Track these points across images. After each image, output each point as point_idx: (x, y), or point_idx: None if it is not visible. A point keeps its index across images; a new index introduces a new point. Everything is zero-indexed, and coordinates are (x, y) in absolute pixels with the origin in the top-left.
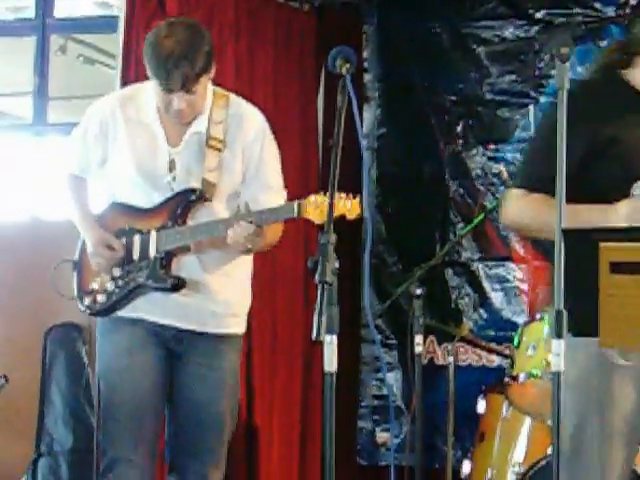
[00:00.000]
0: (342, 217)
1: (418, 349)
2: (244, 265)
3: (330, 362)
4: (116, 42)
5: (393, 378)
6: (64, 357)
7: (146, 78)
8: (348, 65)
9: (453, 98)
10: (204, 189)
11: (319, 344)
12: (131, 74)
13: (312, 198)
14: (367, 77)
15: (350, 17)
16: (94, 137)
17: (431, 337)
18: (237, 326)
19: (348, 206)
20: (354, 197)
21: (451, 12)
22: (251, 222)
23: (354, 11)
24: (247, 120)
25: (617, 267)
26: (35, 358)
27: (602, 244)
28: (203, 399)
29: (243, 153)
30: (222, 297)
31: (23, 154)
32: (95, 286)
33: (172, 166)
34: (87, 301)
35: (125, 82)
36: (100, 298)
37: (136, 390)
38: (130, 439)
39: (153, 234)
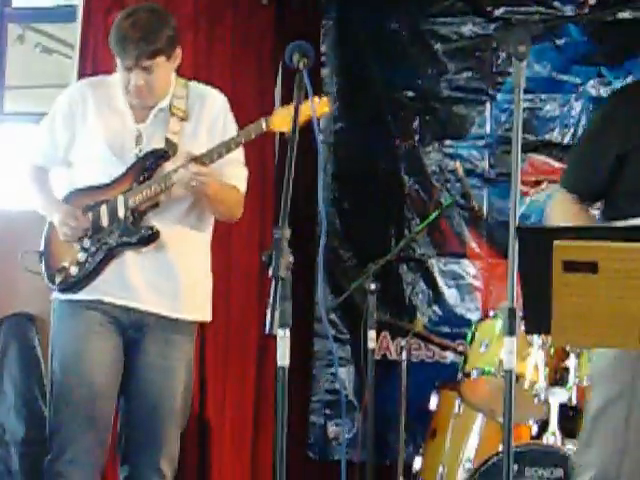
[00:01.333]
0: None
1: (371, 344)
2: (206, 245)
3: (283, 356)
4: (73, 32)
5: (346, 373)
6: (17, 347)
7: (103, 68)
8: (305, 60)
9: (410, 94)
10: (168, 147)
11: (272, 338)
12: (88, 64)
13: (278, 111)
14: (325, 71)
15: (309, 10)
16: (62, 119)
17: (384, 332)
18: (198, 313)
19: (315, 106)
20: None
21: (410, 8)
22: (204, 163)
23: (313, 4)
24: (209, 97)
25: (570, 266)
26: None
27: (555, 242)
28: (156, 390)
29: (208, 129)
30: (184, 278)
31: None
32: (65, 263)
33: (139, 140)
34: (59, 278)
35: (82, 72)
36: (73, 270)
37: (90, 375)
38: (81, 424)
39: (120, 198)
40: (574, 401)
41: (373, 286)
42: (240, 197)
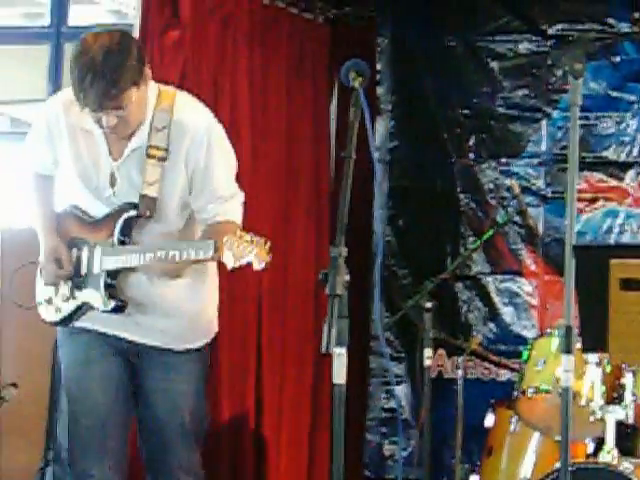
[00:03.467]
0: (248, 265)
1: (427, 362)
2: (201, 271)
3: (339, 374)
4: None
5: (402, 391)
6: None
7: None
8: (361, 78)
9: (466, 112)
10: (143, 205)
11: (329, 356)
12: None
13: (227, 241)
14: (380, 90)
15: (364, 29)
16: (44, 140)
17: (440, 350)
18: (199, 339)
19: (255, 252)
20: (265, 243)
21: (465, 26)
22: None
23: (368, 23)
24: (189, 127)
25: (627, 284)
26: (45, 366)
27: (613, 261)
28: (164, 413)
29: (187, 163)
30: (173, 313)
31: None
32: (51, 295)
33: (113, 181)
34: (43, 310)
35: None
36: (50, 310)
37: (96, 402)
38: (93, 453)
39: (98, 250)
40: (630, 419)
41: (429, 304)
42: (237, 228)
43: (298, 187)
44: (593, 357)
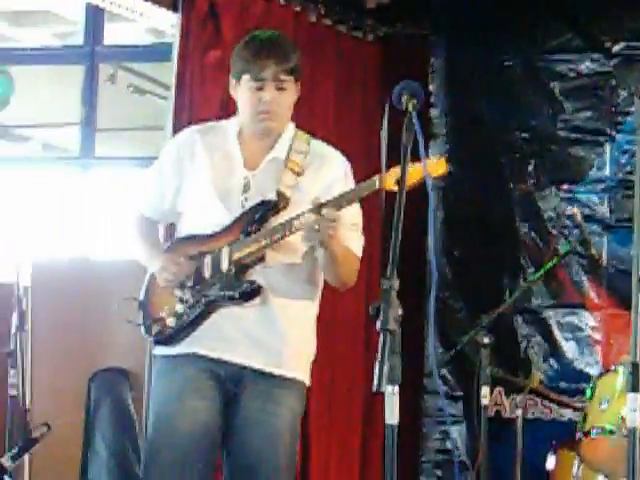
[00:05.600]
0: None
1: (484, 401)
2: (311, 310)
3: (392, 414)
4: (168, 71)
5: (458, 431)
6: (109, 403)
7: (199, 108)
8: (414, 101)
9: (524, 135)
10: (279, 198)
11: (380, 395)
12: (185, 103)
13: (393, 169)
14: (434, 112)
15: (416, 48)
16: (171, 165)
17: (498, 388)
18: (300, 371)
19: (434, 162)
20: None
21: (524, 45)
22: (334, 208)
23: (421, 42)
24: (330, 160)
25: None
26: (79, 404)
27: None
28: (258, 449)
29: (323, 192)
30: (287, 333)
31: (69, 188)
32: (163, 314)
33: (246, 187)
34: (156, 329)
35: (178, 113)
36: (170, 322)
37: (182, 437)
38: None
39: (225, 249)
40: None
41: (486, 339)
42: (357, 263)
43: None
44: None
